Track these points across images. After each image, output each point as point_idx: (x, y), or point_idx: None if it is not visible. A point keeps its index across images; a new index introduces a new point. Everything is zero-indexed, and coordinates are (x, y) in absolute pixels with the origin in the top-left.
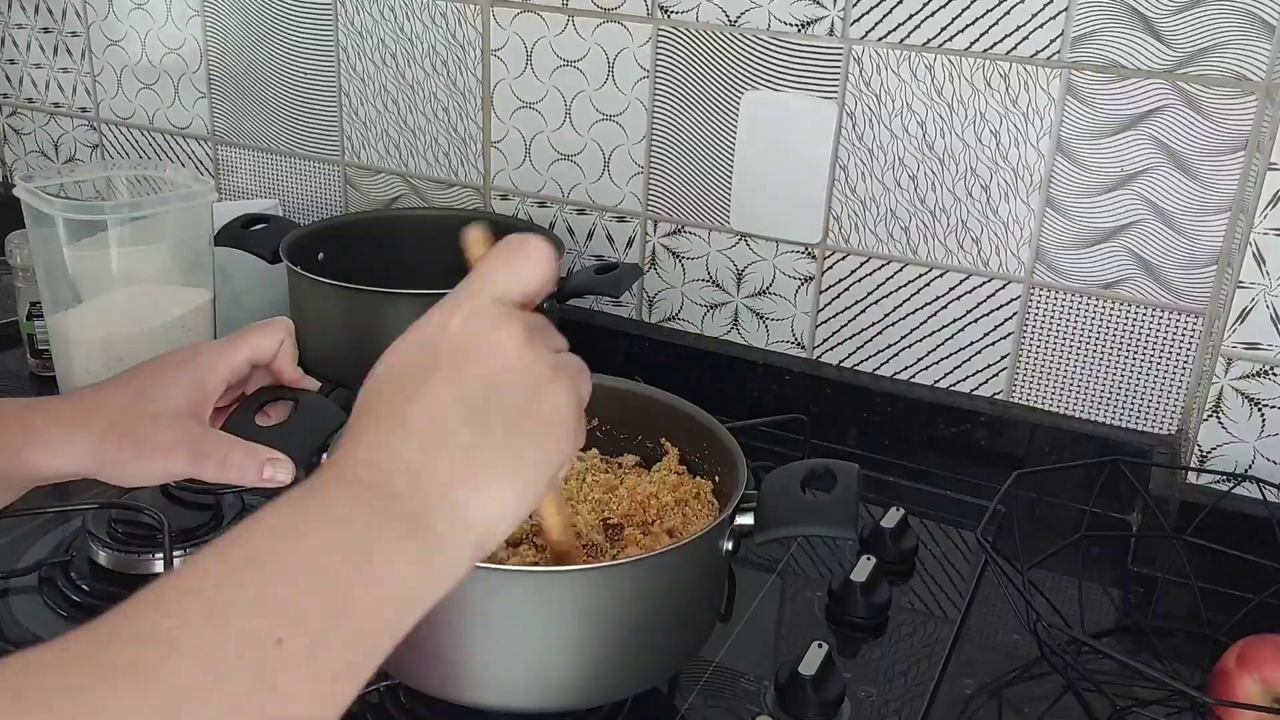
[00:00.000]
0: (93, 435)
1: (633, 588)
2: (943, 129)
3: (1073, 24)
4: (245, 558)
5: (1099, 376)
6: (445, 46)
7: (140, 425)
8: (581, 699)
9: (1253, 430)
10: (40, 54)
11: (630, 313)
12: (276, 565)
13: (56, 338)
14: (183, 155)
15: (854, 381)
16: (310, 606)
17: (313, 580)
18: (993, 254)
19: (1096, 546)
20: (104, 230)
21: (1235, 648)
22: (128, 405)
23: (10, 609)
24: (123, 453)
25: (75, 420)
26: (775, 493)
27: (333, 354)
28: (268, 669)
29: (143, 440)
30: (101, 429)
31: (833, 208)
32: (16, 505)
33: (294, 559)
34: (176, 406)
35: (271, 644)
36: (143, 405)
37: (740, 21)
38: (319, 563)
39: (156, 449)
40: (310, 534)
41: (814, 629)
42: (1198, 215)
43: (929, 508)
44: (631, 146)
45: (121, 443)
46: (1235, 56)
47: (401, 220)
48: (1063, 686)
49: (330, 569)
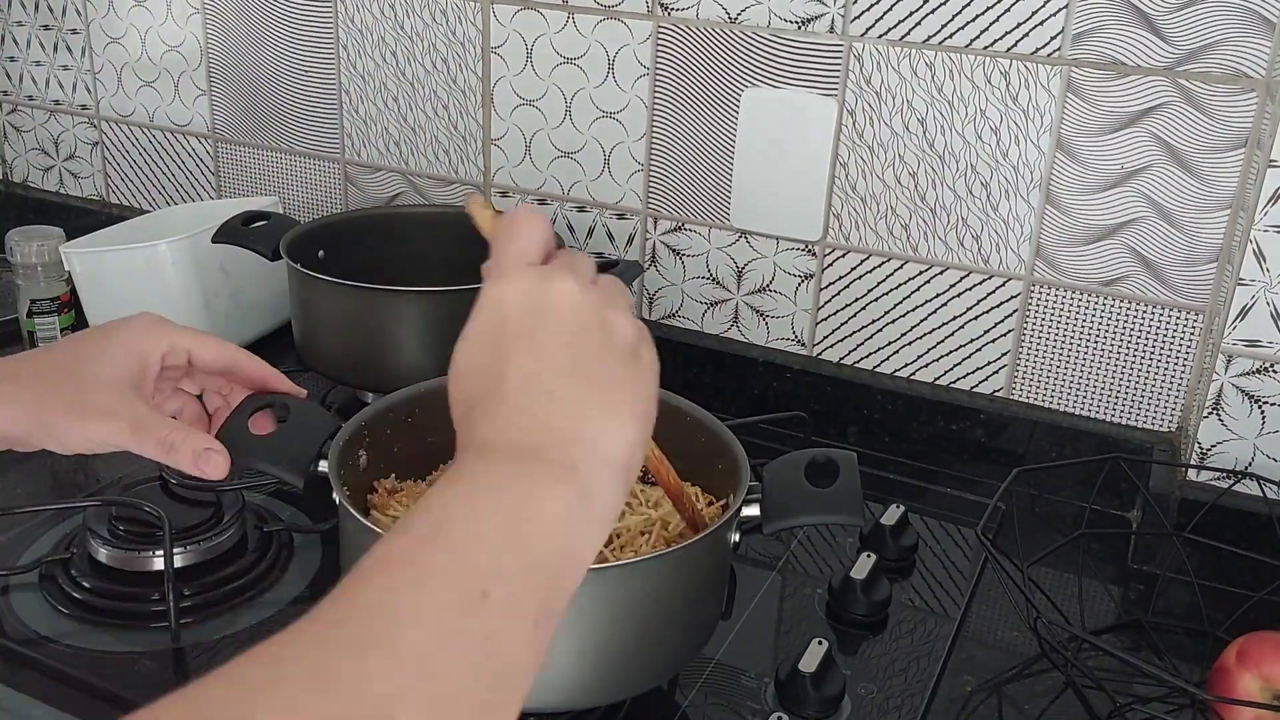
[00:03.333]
0: (33, 394)
1: (639, 587)
2: (943, 126)
3: (1073, 21)
4: (428, 534)
5: (1099, 374)
6: (445, 44)
7: (82, 388)
8: (583, 699)
9: (1253, 427)
10: (40, 51)
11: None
12: (460, 534)
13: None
14: (183, 152)
15: (854, 379)
16: (501, 562)
17: (495, 539)
18: (993, 251)
19: (1096, 543)
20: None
21: (1235, 645)
22: (70, 366)
23: (11, 606)
24: (59, 414)
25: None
26: (779, 484)
27: (333, 351)
28: (481, 622)
29: (85, 403)
30: (42, 389)
31: (833, 205)
32: (17, 503)
33: (472, 527)
34: (119, 375)
35: (479, 599)
36: (85, 368)
37: (740, 18)
38: (494, 524)
39: (97, 412)
40: (477, 504)
41: (814, 626)
42: (1198, 212)
43: (929, 505)
44: (632, 144)
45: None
46: (1235, 53)
47: (402, 218)
48: (1063, 683)
49: (506, 528)
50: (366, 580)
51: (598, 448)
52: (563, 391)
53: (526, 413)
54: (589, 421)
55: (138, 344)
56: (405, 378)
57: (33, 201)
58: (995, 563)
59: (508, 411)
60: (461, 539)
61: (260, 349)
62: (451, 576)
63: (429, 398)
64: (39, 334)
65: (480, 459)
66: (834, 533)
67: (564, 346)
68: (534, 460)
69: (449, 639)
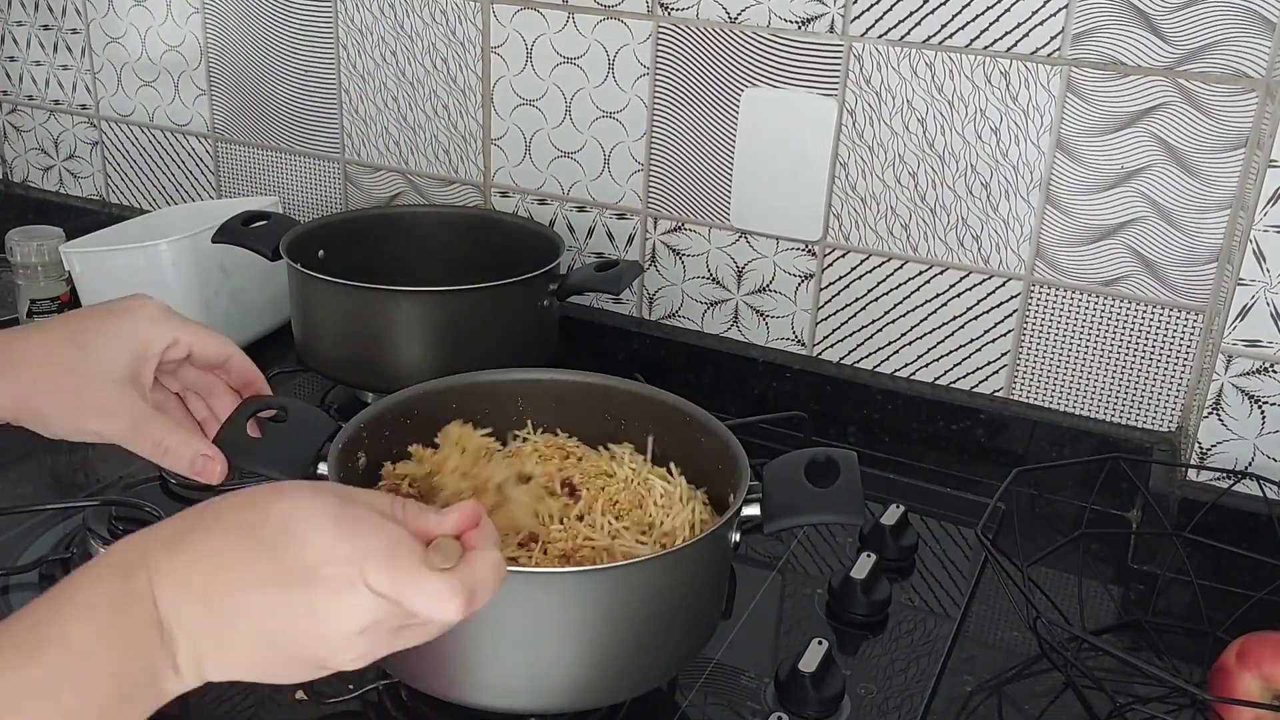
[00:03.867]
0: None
1: (639, 587)
2: (943, 126)
3: (1073, 21)
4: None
5: (1099, 373)
6: (445, 43)
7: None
8: (583, 700)
9: (1253, 427)
10: (40, 51)
11: (630, 310)
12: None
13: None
14: (183, 152)
15: (854, 379)
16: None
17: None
18: (993, 251)
19: (1096, 543)
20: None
21: (1235, 645)
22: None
23: (11, 606)
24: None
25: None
26: (779, 483)
27: (333, 351)
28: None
29: (82, 398)
30: (32, 375)
31: (833, 205)
32: (17, 503)
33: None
34: (118, 370)
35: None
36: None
37: (740, 18)
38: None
39: (96, 409)
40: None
41: (814, 626)
42: (1198, 212)
43: (929, 505)
44: (632, 144)
45: (55, 395)
46: (1235, 53)
47: (402, 217)
48: (1063, 683)
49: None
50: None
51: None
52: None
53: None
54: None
55: (141, 334)
56: (405, 378)
57: (33, 201)
58: (995, 563)
59: (185, 565)
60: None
61: (260, 349)
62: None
63: (429, 398)
64: None
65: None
66: (834, 533)
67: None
68: (144, 604)
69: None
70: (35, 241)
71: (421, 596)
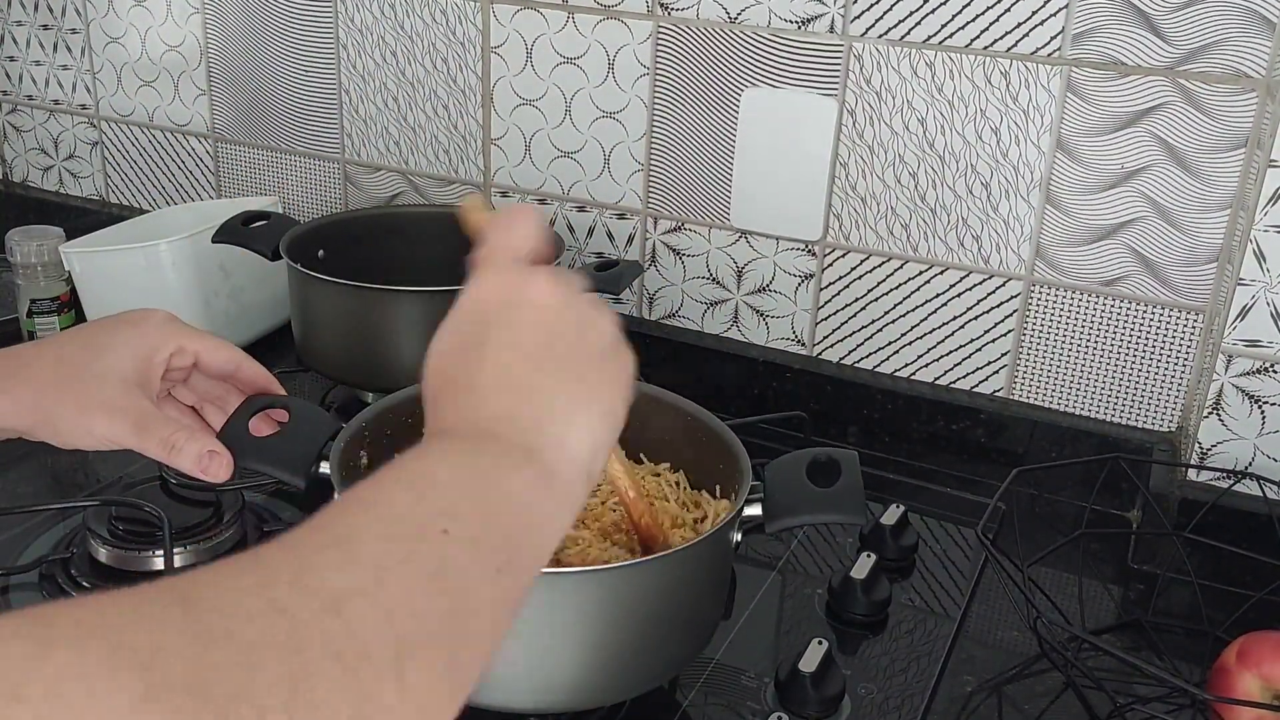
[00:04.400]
0: (34, 388)
1: (639, 587)
2: (943, 126)
3: (1073, 21)
4: (393, 481)
5: (1099, 373)
6: (445, 43)
7: (87, 381)
8: (583, 699)
9: (1253, 427)
10: (40, 51)
11: (630, 310)
12: (424, 484)
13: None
14: (182, 152)
15: (854, 379)
16: (460, 509)
17: (455, 493)
18: (993, 251)
19: (1097, 543)
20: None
21: (1235, 644)
22: (74, 358)
23: (11, 606)
24: (65, 406)
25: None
26: (780, 483)
27: (333, 351)
28: (438, 550)
29: (89, 396)
30: (44, 381)
31: (833, 205)
32: (17, 503)
33: (438, 482)
34: (125, 370)
35: (438, 533)
36: (90, 360)
37: (740, 18)
38: (457, 481)
39: (102, 407)
40: (440, 471)
41: (814, 626)
42: (1198, 212)
43: (929, 505)
44: (632, 144)
45: (64, 396)
46: (1235, 53)
47: (402, 217)
48: (1063, 683)
49: (468, 486)
50: (335, 507)
51: (561, 442)
52: (532, 385)
53: (494, 402)
54: (555, 416)
55: (147, 341)
56: (405, 378)
57: (33, 201)
58: (995, 563)
59: (476, 400)
60: (425, 486)
61: (260, 349)
62: (414, 513)
63: None
64: (39, 334)
65: (445, 439)
66: (834, 532)
67: (538, 341)
68: (496, 443)
69: (406, 557)
70: (35, 241)
71: (496, 225)
